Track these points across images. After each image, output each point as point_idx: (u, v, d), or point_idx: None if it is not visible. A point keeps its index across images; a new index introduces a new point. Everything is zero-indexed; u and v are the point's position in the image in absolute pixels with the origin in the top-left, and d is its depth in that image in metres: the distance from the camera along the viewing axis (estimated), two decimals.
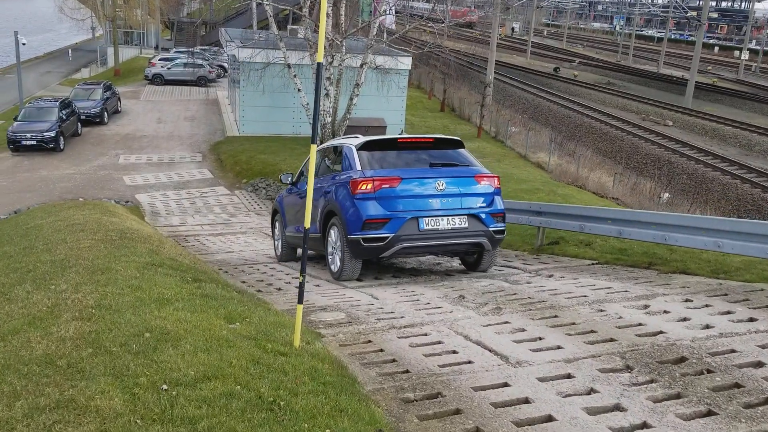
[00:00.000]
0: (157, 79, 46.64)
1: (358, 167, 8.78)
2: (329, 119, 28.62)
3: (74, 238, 9.29)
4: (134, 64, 56.38)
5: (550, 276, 8.56)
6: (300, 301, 4.92)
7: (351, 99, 28.49)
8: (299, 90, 28.00)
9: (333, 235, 9.02)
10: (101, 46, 59.47)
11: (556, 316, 6.16)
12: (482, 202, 8.76)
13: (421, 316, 6.31)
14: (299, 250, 11.71)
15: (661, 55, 68.62)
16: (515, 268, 9.45)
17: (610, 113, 43.57)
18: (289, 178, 11.55)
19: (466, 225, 8.58)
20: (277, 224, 12.27)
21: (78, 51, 65.79)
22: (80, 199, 22.72)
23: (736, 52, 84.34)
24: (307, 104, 28.11)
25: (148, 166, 28.36)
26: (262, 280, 9.52)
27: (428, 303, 6.91)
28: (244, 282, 9.32)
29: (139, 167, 28.18)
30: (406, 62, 31.65)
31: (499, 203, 8.95)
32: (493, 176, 9.01)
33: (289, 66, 27.84)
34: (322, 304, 7.01)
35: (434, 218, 8.45)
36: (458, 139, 9.42)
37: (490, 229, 8.71)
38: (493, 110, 38.81)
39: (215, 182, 26.65)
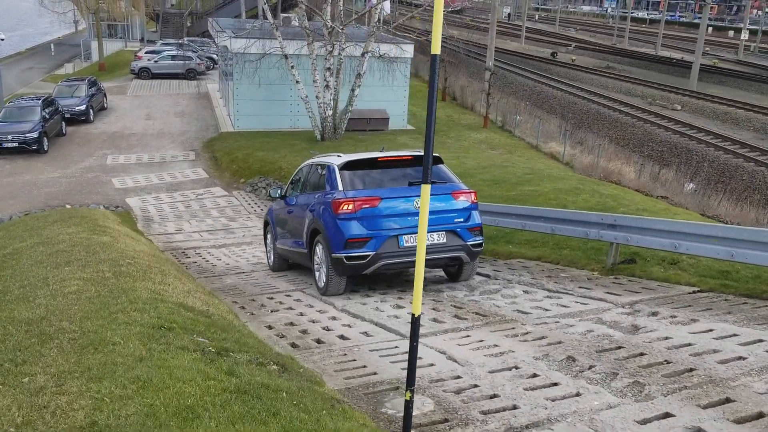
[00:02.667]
0: (144, 73, 44.54)
1: (340, 187, 9.08)
2: (330, 112, 26.87)
3: (58, 275, 7.55)
4: (119, 57, 54.14)
5: (654, 314, 6.83)
6: None
7: (353, 90, 26.76)
8: (297, 82, 26.21)
9: (318, 252, 9.33)
10: (84, 40, 57.28)
11: (728, 400, 4.45)
12: (459, 218, 9.05)
13: (543, 405, 4.56)
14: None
15: (658, 37, 67.11)
16: (601, 299, 7.70)
17: (616, 98, 42.07)
18: (278, 192, 11.66)
19: (444, 240, 8.88)
20: (268, 236, 12.40)
21: (61, 46, 63.38)
22: (67, 206, 20.90)
23: (731, 32, 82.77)
24: (306, 96, 26.33)
25: (138, 167, 26.50)
26: (292, 323, 7.75)
27: (535, 373, 5.16)
28: (270, 328, 7.56)
29: (129, 168, 26.33)
30: (408, 50, 29.89)
31: (476, 217, 9.21)
32: (470, 192, 9.29)
33: (286, 56, 26.04)
34: (389, 377, 5.24)
35: (413, 235, 8.65)
36: (437, 155, 9.49)
37: (468, 243, 9.03)
38: (496, 98, 37.03)
39: (211, 182, 24.85)
